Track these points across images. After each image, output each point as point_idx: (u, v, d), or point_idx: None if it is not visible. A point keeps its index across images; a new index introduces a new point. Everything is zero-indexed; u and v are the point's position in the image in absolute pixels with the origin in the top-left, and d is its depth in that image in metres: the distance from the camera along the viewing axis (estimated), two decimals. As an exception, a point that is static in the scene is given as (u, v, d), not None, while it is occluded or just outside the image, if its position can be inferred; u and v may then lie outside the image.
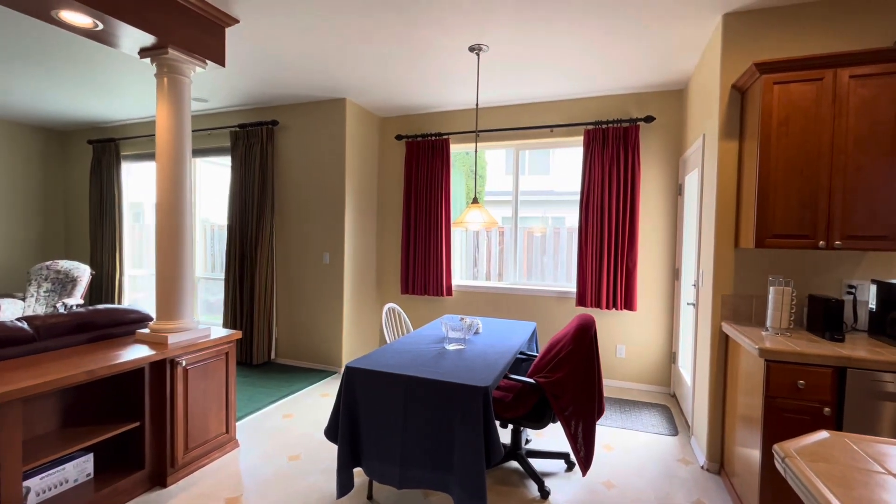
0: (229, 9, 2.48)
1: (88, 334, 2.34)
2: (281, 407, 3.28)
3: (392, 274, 4.58)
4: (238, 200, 4.27)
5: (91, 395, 2.24)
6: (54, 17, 2.04)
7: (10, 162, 5.09)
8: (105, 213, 5.13)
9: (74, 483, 2.06)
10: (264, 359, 4.20)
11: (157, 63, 2.37)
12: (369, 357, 2.18)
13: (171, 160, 2.38)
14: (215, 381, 2.51)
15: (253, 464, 2.48)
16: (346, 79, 3.50)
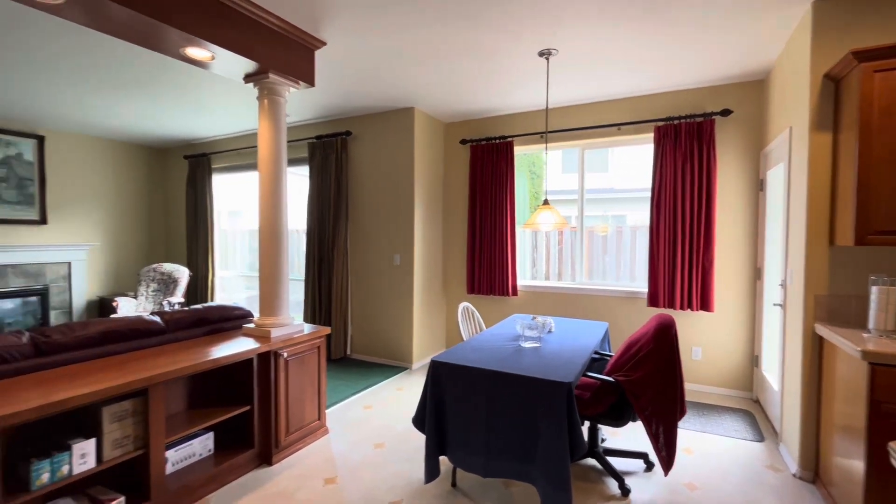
0: (319, 33, 2.72)
1: (205, 328, 2.67)
2: (361, 399, 3.51)
3: (458, 274, 4.73)
4: (315, 207, 4.61)
5: (210, 380, 2.55)
6: (180, 54, 2.36)
7: (121, 177, 5.80)
8: (199, 220, 5.71)
9: (199, 457, 2.37)
10: (341, 354, 4.49)
11: (259, 86, 2.66)
12: (451, 352, 2.32)
13: (271, 172, 2.66)
14: (309, 372, 2.76)
15: (343, 449, 2.70)
16: (415, 88, 3.68)
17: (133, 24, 2.01)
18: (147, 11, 1.95)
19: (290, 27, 2.58)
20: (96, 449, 1.84)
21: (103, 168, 5.61)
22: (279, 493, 2.25)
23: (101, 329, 2.19)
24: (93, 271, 5.54)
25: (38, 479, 1.67)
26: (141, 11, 1.92)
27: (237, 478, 2.38)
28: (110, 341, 2.22)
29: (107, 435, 1.86)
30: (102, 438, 1.85)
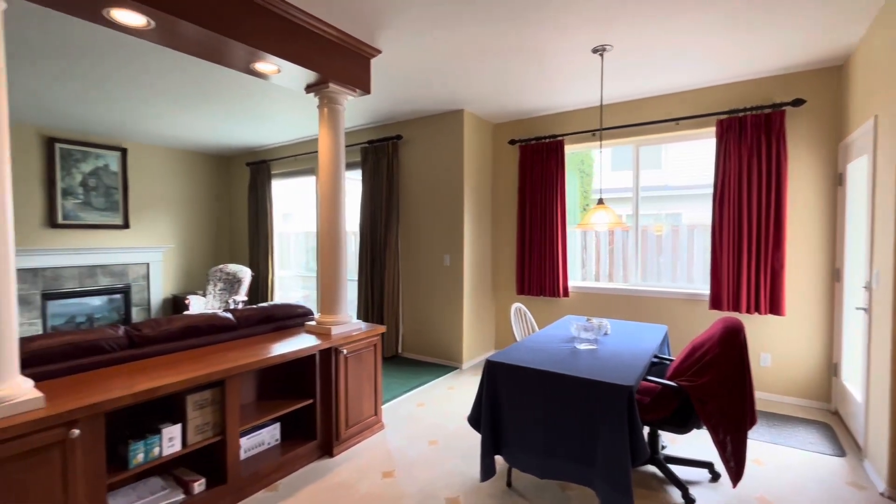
0: (374, 42, 2.82)
1: (271, 325, 2.84)
2: (413, 396, 3.59)
3: (507, 275, 4.71)
4: (368, 209, 4.76)
5: (276, 374, 2.71)
6: (249, 68, 2.53)
7: (191, 184, 6.27)
8: (259, 223, 6.05)
9: (267, 446, 2.53)
10: (392, 352, 4.61)
11: (319, 96, 2.79)
12: (507, 353, 2.33)
13: (330, 177, 2.79)
14: (367, 369, 2.87)
15: (398, 445, 2.78)
16: (465, 91, 3.72)
17: (206, 41, 2.18)
18: (219, 29, 2.10)
19: (348, 38, 2.70)
20: (182, 433, 2.01)
21: (176, 176, 6.09)
22: (341, 483, 2.35)
23: (183, 324, 2.39)
24: (167, 271, 6.02)
25: (134, 458, 1.85)
26: (214, 30, 2.08)
27: (301, 467, 2.52)
28: (190, 335, 2.42)
29: (190, 421, 2.04)
30: (187, 424, 2.02)
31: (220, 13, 2.08)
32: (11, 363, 1.52)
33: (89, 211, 5.24)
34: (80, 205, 5.17)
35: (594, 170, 7.66)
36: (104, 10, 1.84)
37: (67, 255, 5.06)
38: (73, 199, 5.11)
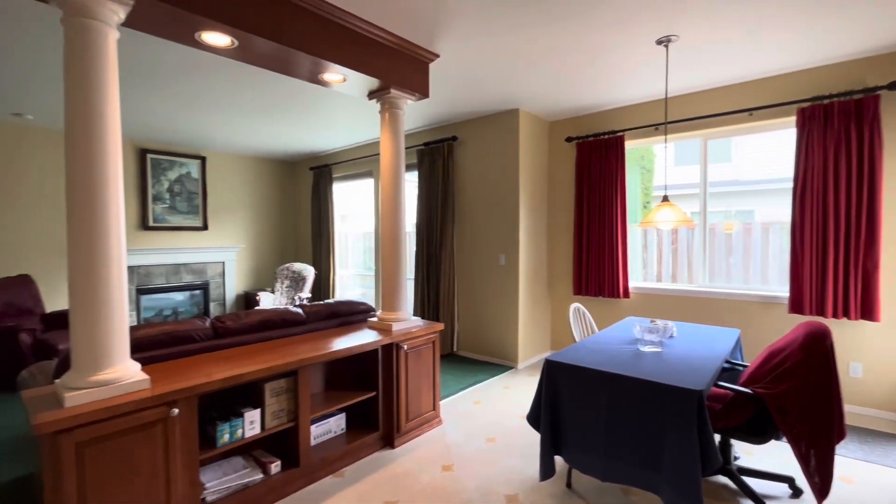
0: (433, 47, 2.89)
1: (336, 320, 3.00)
2: (470, 394, 3.64)
3: (564, 275, 4.63)
4: (424, 210, 4.87)
5: (341, 367, 2.86)
6: (316, 78, 2.69)
7: (260, 188, 6.72)
8: (321, 224, 6.38)
9: (334, 434, 2.68)
10: (448, 350, 4.69)
11: (381, 101, 2.91)
12: (566, 353, 2.31)
13: (391, 180, 2.90)
14: (425, 365, 2.95)
15: (456, 440, 2.83)
16: (520, 90, 3.70)
17: (278, 55, 2.34)
18: (290, 43, 2.25)
19: (408, 44, 2.79)
20: (260, 418, 2.19)
21: (247, 181, 6.56)
22: (403, 473, 2.45)
23: (260, 318, 2.59)
24: (240, 269, 6.50)
25: (221, 438, 2.05)
26: (285, 44, 2.23)
27: (365, 456, 2.64)
28: (266, 328, 2.62)
29: (268, 407, 2.21)
30: (265, 409, 2.20)
31: (290, 28, 2.24)
32: (124, 349, 1.74)
33: (174, 214, 5.78)
34: (167, 209, 5.72)
35: (656, 166, 7.32)
36: (196, 34, 2.05)
37: (157, 255, 5.61)
38: (161, 203, 5.66)
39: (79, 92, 1.61)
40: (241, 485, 2.12)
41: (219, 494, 2.04)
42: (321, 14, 2.35)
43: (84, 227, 1.62)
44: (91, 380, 1.63)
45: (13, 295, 4.23)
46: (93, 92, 1.63)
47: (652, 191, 6.11)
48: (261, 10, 2.10)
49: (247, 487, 2.12)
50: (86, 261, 1.62)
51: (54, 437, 1.50)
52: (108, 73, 1.67)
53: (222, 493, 2.05)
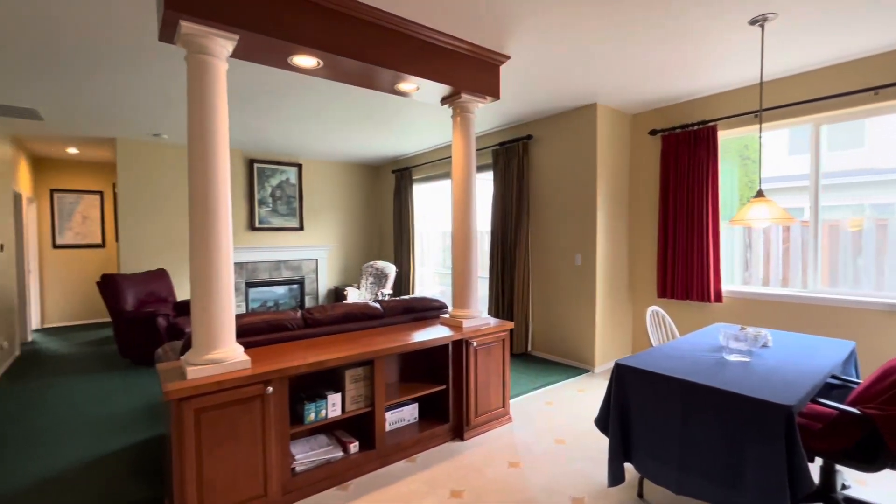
0: (503, 49, 2.93)
1: (411, 315, 3.17)
2: (542, 394, 3.61)
3: (646, 276, 4.38)
4: (499, 209, 4.91)
5: (414, 359, 3.03)
6: (393, 88, 2.87)
7: (348, 191, 7.24)
8: (402, 224, 6.70)
9: (407, 423, 2.85)
10: (522, 350, 4.68)
11: (453, 106, 3.02)
12: (639, 357, 2.22)
13: (462, 181, 2.99)
14: (495, 362, 3.00)
15: (525, 438, 2.85)
16: (598, 83, 3.58)
17: (360, 71, 2.54)
18: (370, 60, 2.44)
19: (478, 49, 2.86)
20: (341, 401, 2.41)
21: (337, 185, 7.12)
22: (470, 465, 2.53)
23: (343, 311, 2.85)
24: (330, 266, 7.08)
25: (308, 416, 2.30)
26: (366, 61, 2.42)
27: (435, 446, 2.77)
28: (348, 321, 2.87)
29: (348, 391, 2.43)
30: (345, 394, 2.42)
31: (369, 46, 2.43)
32: (230, 333, 2.04)
33: (276, 216, 6.48)
34: (270, 211, 6.42)
35: (763, 156, 6.58)
36: (289, 58, 2.32)
37: (261, 252, 6.34)
38: (265, 207, 6.38)
39: (197, 114, 1.93)
40: (324, 460, 2.36)
41: (305, 466, 2.30)
42: (396, 29, 2.52)
43: (200, 228, 1.94)
44: (205, 358, 1.94)
45: (154, 286, 5.08)
46: (207, 113, 1.94)
47: (759, 184, 5.49)
48: (343, 31, 2.32)
49: (329, 462, 2.36)
50: (202, 258, 1.94)
51: (178, 403, 1.83)
52: (219, 97, 1.97)
53: (308, 466, 2.31)
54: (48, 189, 6.54)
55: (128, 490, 2.31)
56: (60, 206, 6.64)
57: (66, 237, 6.69)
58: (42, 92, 3.61)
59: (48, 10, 2.34)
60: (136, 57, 2.94)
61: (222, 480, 1.94)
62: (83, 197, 6.81)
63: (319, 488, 2.29)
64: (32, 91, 3.59)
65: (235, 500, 1.98)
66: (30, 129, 4.78)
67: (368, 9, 2.36)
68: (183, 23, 1.88)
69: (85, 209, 6.82)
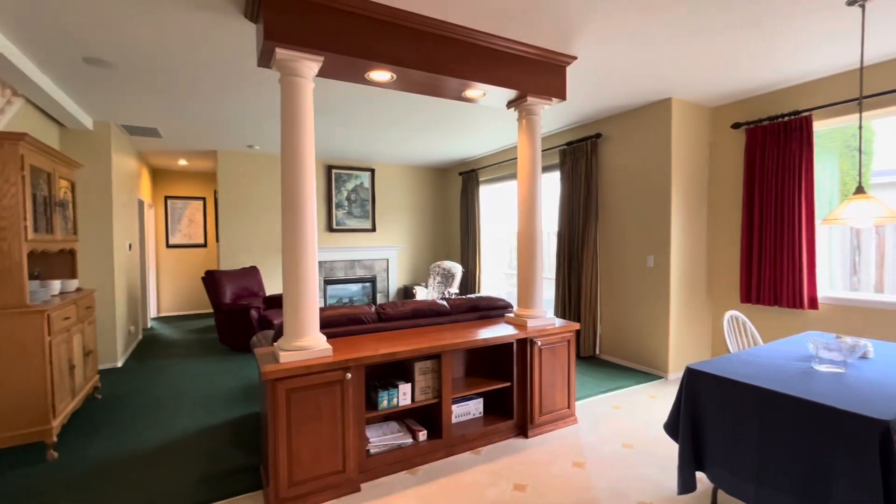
0: (570, 50, 2.93)
1: (476, 313, 3.28)
2: (610, 398, 3.54)
3: (727, 279, 4.10)
4: (566, 209, 4.85)
5: (479, 356, 3.13)
6: (462, 96, 3.00)
7: (417, 194, 7.52)
8: (469, 225, 6.84)
9: (472, 416, 2.95)
10: (590, 353, 4.59)
11: (518, 109, 3.08)
12: (713, 363, 2.13)
13: (528, 183, 3.04)
14: (560, 362, 3.02)
15: (591, 440, 2.83)
16: (673, 77, 3.43)
17: (428, 81, 2.69)
18: (438, 70, 2.58)
19: (544, 52, 2.89)
20: (411, 391, 2.58)
21: (407, 188, 7.43)
22: (534, 462, 2.58)
23: (412, 307, 3.03)
24: (400, 266, 7.41)
25: (381, 403, 2.49)
26: (434, 72, 2.57)
27: (499, 441, 2.85)
28: (417, 317, 3.04)
29: (417, 382, 2.59)
30: (414, 385, 2.58)
31: (438, 57, 2.57)
32: (315, 324, 2.28)
33: (351, 218, 6.92)
34: (346, 214, 6.87)
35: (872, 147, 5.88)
36: (366, 74, 2.53)
37: (338, 252, 6.80)
38: (341, 209, 6.84)
39: (289, 128, 2.19)
40: (395, 444, 2.54)
41: (379, 449, 2.49)
42: (463, 39, 2.64)
43: (291, 231, 2.19)
44: (294, 344, 2.20)
45: (247, 281, 5.67)
46: (297, 127, 2.19)
47: (870, 178, 4.91)
48: (414, 46, 2.48)
49: (400, 448, 2.53)
50: (292, 258, 2.20)
51: (273, 383, 2.09)
52: (307, 113, 2.22)
53: (381, 449, 2.50)
54: (163, 196, 7.54)
55: (229, 457, 2.66)
56: (172, 211, 7.62)
57: (177, 238, 7.66)
58: (161, 114, 4.22)
59: (168, 48, 2.76)
60: (234, 81, 3.35)
61: (307, 455, 2.18)
62: (190, 202, 7.75)
63: (391, 470, 2.47)
64: (154, 113, 4.21)
65: (318, 472, 2.21)
66: (151, 145, 5.58)
67: (437, 22, 2.50)
68: (278, 50, 2.14)
69: (191, 213, 7.77)
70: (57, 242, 3.16)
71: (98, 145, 4.40)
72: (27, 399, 2.61)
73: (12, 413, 2.57)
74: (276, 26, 2.11)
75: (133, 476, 2.47)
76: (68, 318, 3.01)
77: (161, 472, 2.51)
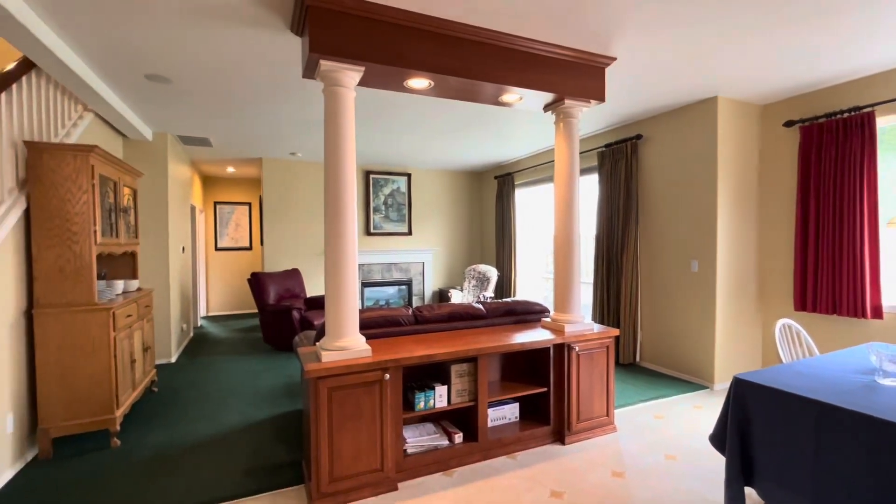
0: (609, 51, 2.89)
1: (512, 317, 3.27)
2: (650, 407, 3.43)
3: (780, 285, 3.89)
4: (605, 212, 4.75)
5: (515, 360, 3.11)
6: (498, 100, 3.01)
7: (452, 197, 7.57)
8: (504, 228, 6.81)
9: (508, 421, 2.94)
10: (629, 360, 4.46)
11: (556, 112, 3.06)
12: (763, 373, 2.04)
13: (565, 186, 3.01)
14: (598, 369, 2.96)
15: (631, 450, 2.76)
16: (720, 74, 3.30)
17: (465, 87, 2.72)
18: (476, 76, 2.61)
19: (582, 54, 2.86)
20: (447, 393, 2.61)
21: (442, 192, 7.49)
22: (572, 469, 2.54)
23: (449, 310, 3.06)
24: (436, 268, 7.47)
25: (418, 404, 2.53)
26: (471, 77, 2.59)
27: (536, 446, 2.82)
28: (453, 319, 3.07)
29: (453, 385, 2.61)
30: (451, 387, 2.61)
31: (475, 63, 2.60)
32: (355, 325, 2.36)
33: (388, 222, 7.05)
34: (383, 218, 7.02)
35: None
36: (405, 82, 2.60)
37: (375, 255, 6.95)
38: (379, 214, 6.99)
39: (331, 135, 2.28)
40: (432, 446, 2.57)
41: (415, 449, 2.53)
42: (500, 44, 2.65)
43: (332, 236, 2.28)
44: (336, 344, 2.27)
45: (289, 283, 5.89)
46: (340, 134, 2.28)
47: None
48: (451, 53, 2.52)
49: (436, 449, 2.56)
50: (334, 261, 2.28)
51: (316, 381, 2.17)
52: (349, 121, 2.30)
53: (418, 449, 2.54)
54: (213, 201, 7.97)
55: (273, 452, 2.77)
56: (220, 216, 8.03)
57: (224, 241, 8.06)
58: (212, 124, 4.47)
59: (220, 63, 2.93)
60: (279, 93, 3.51)
61: (348, 452, 2.25)
62: (237, 208, 8.15)
63: (427, 471, 2.51)
64: (206, 125, 4.47)
65: (358, 470, 2.27)
66: (202, 154, 5.92)
67: (474, 29, 2.53)
68: (322, 61, 2.24)
69: (237, 218, 8.16)
70: (121, 245, 3.41)
71: (156, 155, 4.72)
72: (95, 389, 2.83)
73: (82, 402, 2.80)
74: (321, 39, 2.20)
75: (186, 465, 2.63)
76: (130, 315, 3.24)
77: (211, 462, 2.66)
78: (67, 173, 2.79)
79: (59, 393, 2.75)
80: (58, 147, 2.78)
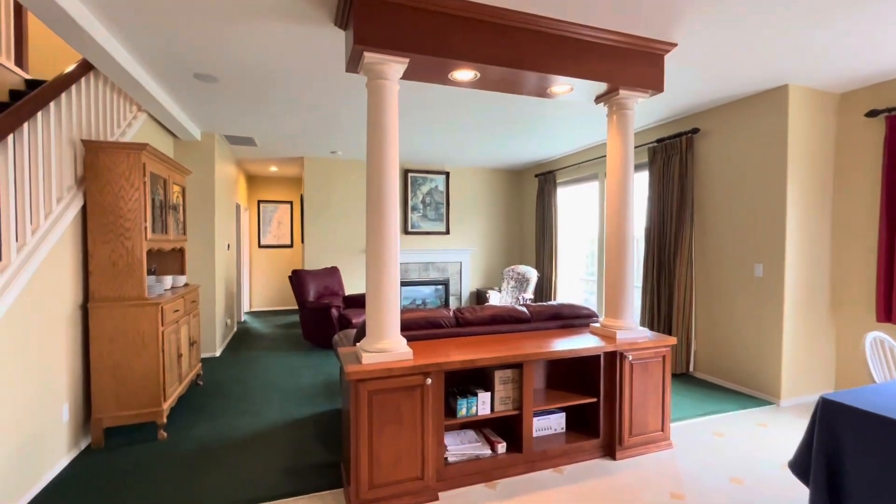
0: (669, 37, 2.67)
1: (558, 322, 3.09)
2: (709, 423, 3.17)
3: (859, 293, 3.50)
4: (655, 212, 4.47)
5: (562, 367, 2.94)
6: (546, 92, 2.85)
7: (491, 196, 7.41)
8: (545, 228, 6.59)
9: (553, 432, 2.78)
10: (682, 370, 4.17)
11: (608, 104, 2.86)
12: (855, 393, 1.79)
13: (618, 183, 2.82)
14: (653, 380, 2.74)
15: (690, 470, 2.53)
16: (792, 61, 3.00)
17: (512, 78, 2.58)
18: (525, 66, 2.46)
19: (639, 40, 2.66)
20: (490, 401, 2.48)
21: (481, 190, 7.35)
22: (625, 487, 2.35)
23: (491, 313, 2.93)
24: (474, 269, 7.35)
25: (459, 410, 2.42)
26: (521, 68, 2.45)
27: (584, 460, 2.65)
28: (495, 322, 2.94)
29: (497, 392, 2.49)
30: (494, 394, 2.48)
31: (524, 53, 2.45)
32: (396, 327, 2.27)
33: (426, 221, 6.99)
34: (420, 217, 6.96)
35: None
36: (450, 74, 2.49)
37: (412, 254, 6.90)
38: (417, 212, 6.94)
39: (374, 128, 2.20)
40: (473, 455, 2.45)
41: (457, 458, 2.42)
42: (549, 31, 2.50)
43: (374, 235, 2.20)
44: (376, 346, 2.20)
45: (328, 281, 5.94)
46: (382, 127, 2.20)
47: None
48: (498, 42, 2.39)
49: (478, 458, 2.44)
50: (376, 260, 2.20)
51: (356, 383, 2.10)
52: (392, 114, 2.22)
53: (459, 458, 2.42)
54: (256, 200, 8.18)
55: (312, 451, 2.74)
56: (264, 214, 8.24)
57: (267, 239, 8.27)
58: (257, 124, 4.54)
59: (265, 61, 2.93)
60: (322, 91, 3.49)
61: (388, 458, 2.17)
62: (279, 206, 8.33)
63: (469, 482, 2.39)
64: (251, 124, 4.54)
65: (398, 477, 2.19)
66: (247, 153, 6.06)
67: (522, 15, 2.39)
68: (366, 54, 2.17)
69: (280, 216, 8.34)
70: (170, 242, 3.50)
71: (204, 154, 4.85)
72: (144, 382, 2.89)
73: (132, 394, 2.87)
74: (365, 30, 2.13)
75: (229, 460, 2.63)
76: (178, 310, 3.32)
77: (253, 458, 2.65)
78: (121, 171, 2.87)
79: (111, 385, 2.83)
80: (112, 145, 2.86)
